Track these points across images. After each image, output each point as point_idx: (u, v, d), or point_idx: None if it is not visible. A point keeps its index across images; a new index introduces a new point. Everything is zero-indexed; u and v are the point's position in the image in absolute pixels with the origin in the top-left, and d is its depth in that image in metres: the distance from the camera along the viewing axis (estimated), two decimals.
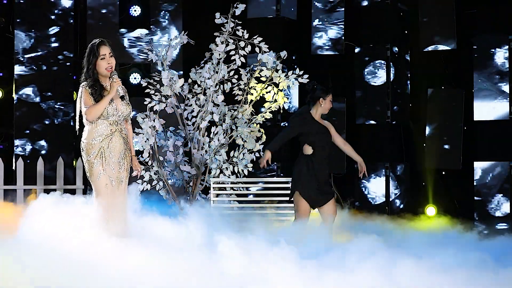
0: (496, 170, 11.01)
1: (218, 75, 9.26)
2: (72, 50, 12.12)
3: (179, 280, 5.77)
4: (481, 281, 5.82)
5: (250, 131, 9.37)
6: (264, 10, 12.32)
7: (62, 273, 5.69)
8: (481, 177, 11.09)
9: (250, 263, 5.97)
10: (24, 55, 12.00)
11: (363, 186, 11.93)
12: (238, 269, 5.90)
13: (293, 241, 6.63)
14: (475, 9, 11.40)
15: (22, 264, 5.70)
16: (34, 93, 12.05)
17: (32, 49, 12.06)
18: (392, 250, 6.93)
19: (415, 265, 6.08)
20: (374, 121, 11.87)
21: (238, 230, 7.20)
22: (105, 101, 6.64)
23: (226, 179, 9.31)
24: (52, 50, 12.10)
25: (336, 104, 12.21)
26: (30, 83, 12.04)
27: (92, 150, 6.68)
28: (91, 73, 6.74)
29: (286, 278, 5.77)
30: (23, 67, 12.01)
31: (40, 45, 12.09)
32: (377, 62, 11.78)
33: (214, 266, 5.93)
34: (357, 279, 5.82)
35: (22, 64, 11.98)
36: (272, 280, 5.76)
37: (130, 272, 5.82)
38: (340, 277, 5.82)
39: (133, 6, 12.22)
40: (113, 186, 6.67)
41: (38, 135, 12.02)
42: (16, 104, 11.99)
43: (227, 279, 5.80)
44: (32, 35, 12.07)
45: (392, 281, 5.82)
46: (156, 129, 9.22)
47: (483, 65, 11.16)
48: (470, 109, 11.31)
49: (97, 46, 6.75)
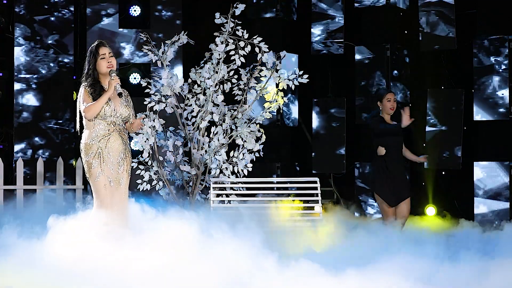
0: (496, 170, 11.01)
1: (218, 75, 9.26)
2: (72, 51, 12.13)
3: (179, 280, 5.77)
4: (481, 281, 5.83)
5: (250, 131, 9.37)
6: (264, 10, 12.33)
7: (62, 277, 5.69)
8: (481, 177, 11.09)
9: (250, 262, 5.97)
10: (25, 56, 12.01)
11: (364, 186, 11.93)
12: (238, 269, 5.91)
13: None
14: (475, 9, 11.40)
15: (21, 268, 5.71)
16: (35, 94, 12.05)
17: (32, 49, 12.06)
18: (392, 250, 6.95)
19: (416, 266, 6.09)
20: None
21: (238, 229, 7.20)
22: (103, 98, 6.67)
23: (226, 179, 9.31)
24: (51, 50, 12.10)
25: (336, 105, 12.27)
26: (30, 84, 12.05)
27: (90, 151, 6.69)
28: (91, 73, 6.80)
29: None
30: (23, 68, 12.02)
31: (40, 45, 12.09)
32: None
33: (214, 266, 5.93)
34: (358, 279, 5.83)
35: (22, 65, 11.99)
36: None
37: (130, 274, 5.82)
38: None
39: (133, 6, 12.22)
40: (112, 187, 6.67)
41: (37, 136, 12.02)
42: (16, 104, 11.99)
43: (227, 279, 5.81)
44: (31, 35, 12.07)
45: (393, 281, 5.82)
46: (156, 129, 9.22)
47: (483, 65, 11.16)
48: (470, 109, 11.31)
49: (96, 47, 6.82)
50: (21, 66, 12.04)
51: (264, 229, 7.51)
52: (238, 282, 5.78)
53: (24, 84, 12.03)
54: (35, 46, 12.07)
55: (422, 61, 11.91)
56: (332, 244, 8.01)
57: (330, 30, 12.25)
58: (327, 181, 12.33)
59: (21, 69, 12.03)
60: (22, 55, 12.02)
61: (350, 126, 12.19)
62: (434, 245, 7.40)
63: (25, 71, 12.04)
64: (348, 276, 5.88)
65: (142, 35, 9.24)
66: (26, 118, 12.03)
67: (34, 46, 12.07)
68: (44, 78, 12.08)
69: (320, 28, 12.31)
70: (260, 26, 11.96)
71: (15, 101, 11.98)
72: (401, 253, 6.68)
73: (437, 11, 11.44)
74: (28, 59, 12.04)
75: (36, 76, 12.06)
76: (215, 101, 9.33)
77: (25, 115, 12.04)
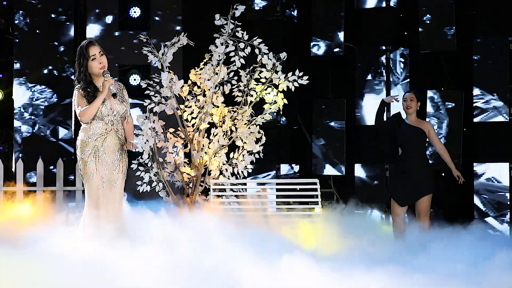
0: (495, 171, 11.00)
1: (217, 77, 9.25)
2: (71, 51, 12.13)
3: (179, 280, 5.77)
4: (481, 281, 5.83)
5: (250, 133, 9.36)
6: (264, 12, 12.33)
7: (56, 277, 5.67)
8: (481, 178, 11.08)
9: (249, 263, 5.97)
10: (24, 57, 12.02)
11: (363, 186, 11.92)
12: (237, 270, 5.90)
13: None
14: (475, 11, 11.40)
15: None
16: (35, 96, 12.05)
17: (32, 49, 12.06)
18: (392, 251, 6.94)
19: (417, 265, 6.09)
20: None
21: (238, 230, 7.20)
22: (97, 101, 6.61)
23: (226, 181, 9.30)
24: (51, 50, 12.11)
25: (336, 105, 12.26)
26: (30, 84, 12.05)
27: (86, 148, 6.64)
28: (83, 76, 6.71)
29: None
30: (23, 70, 12.03)
31: (40, 46, 12.09)
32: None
33: (214, 267, 5.93)
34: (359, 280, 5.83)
35: (22, 67, 12.00)
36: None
37: (127, 274, 5.81)
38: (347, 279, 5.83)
39: (132, 7, 12.22)
40: (104, 188, 6.62)
41: (38, 135, 12.02)
42: (16, 105, 11.99)
43: (227, 279, 5.80)
44: (31, 35, 12.07)
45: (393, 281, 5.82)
46: (156, 130, 9.21)
47: (483, 66, 11.15)
48: (470, 110, 11.31)
49: (85, 48, 6.72)
50: (21, 68, 12.05)
51: (263, 229, 7.51)
52: (237, 282, 5.78)
53: (24, 85, 12.03)
54: (34, 47, 12.08)
55: (422, 62, 11.91)
56: (332, 244, 8.00)
57: (329, 31, 12.24)
58: (327, 183, 12.32)
59: (21, 69, 12.05)
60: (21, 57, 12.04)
61: (350, 128, 12.18)
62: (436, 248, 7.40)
63: (25, 73, 12.06)
64: (348, 275, 5.87)
65: (142, 37, 9.24)
66: (26, 118, 12.03)
67: (34, 46, 12.08)
68: (44, 78, 12.09)
69: (320, 29, 12.30)
70: (260, 28, 11.95)
71: (15, 103, 12.00)
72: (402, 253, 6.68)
73: (437, 12, 11.44)
74: (28, 60, 12.05)
75: (36, 77, 12.07)
76: (215, 102, 9.33)
77: (25, 116, 12.04)
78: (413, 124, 8.89)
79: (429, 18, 11.48)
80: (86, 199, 6.64)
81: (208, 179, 9.33)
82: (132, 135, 6.93)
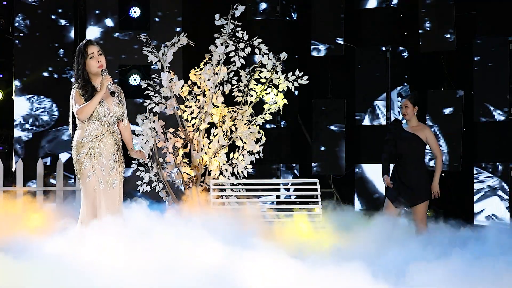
0: (495, 171, 11.01)
1: (217, 77, 9.25)
2: (71, 52, 12.13)
3: (179, 281, 5.77)
4: (481, 280, 5.83)
5: (250, 133, 9.36)
6: (264, 11, 12.33)
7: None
8: (481, 178, 11.08)
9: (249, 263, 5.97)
10: (24, 57, 12.02)
11: (363, 187, 11.93)
12: (237, 270, 5.91)
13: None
14: (475, 11, 11.40)
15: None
16: (35, 96, 12.06)
17: (31, 49, 12.07)
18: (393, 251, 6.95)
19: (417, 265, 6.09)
20: (377, 123, 11.89)
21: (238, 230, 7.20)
22: (95, 99, 6.59)
23: (226, 181, 9.30)
24: (51, 50, 12.11)
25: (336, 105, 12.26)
26: (30, 85, 12.06)
27: (82, 149, 6.62)
28: (81, 74, 6.69)
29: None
30: (23, 71, 12.03)
31: (39, 46, 12.10)
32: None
33: (214, 267, 5.93)
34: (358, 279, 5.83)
35: (22, 68, 12.01)
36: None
37: (125, 275, 5.81)
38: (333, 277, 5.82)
39: (132, 8, 12.22)
40: (102, 189, 6.61)
41: (38, 135, 12.03)
42: (16, 106, 12.00)
43: (228, 280, 5.81)
44: (31, 37, 12.08)
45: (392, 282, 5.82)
46: (156, 130, 9.22)
47: (483, 66, 11.16)
48: (470, 110, 11.31)
49: (84, 47, 6.71)
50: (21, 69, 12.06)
51: (263, 230, 7.52)
52: (235, 283, 5.78)
53: (24, 85, 12.03)
54: (34, 47, 12.09)
55: (422, 62, 11.91)
56: (331, 244, 8.00)
57: (329, 31, 12.24)
58: (327, 183, 12.32)
59: (21, 71, 12.06)
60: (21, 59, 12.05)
61: (350, 128, 12.18)
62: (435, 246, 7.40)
63: (25, 73, 12.07)
64: (347, 275, 5.87)
65: (142, 37, 9.24)
66: (26, 119, 12.04)
67: (33, 46, 12.09)
68: (43, 79, 12.09)
69: (320, 29, 12.30)
70: (260, 28, 11.95)
71: (15, 103, 12.00)
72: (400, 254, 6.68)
73: (437, 12, 11.44)
74: (27, 61, 12.06)
75: (36, 77, 12.08)
76: (215, 102, 9.33)
77: (25, 117, 12.05)
78: (411, 131, 8.80)
79: (429, 18, 11.49)
80: (82, 199, 6.63)
81: (208, 179, 9.33)
82: (131, 141, 6.91)
